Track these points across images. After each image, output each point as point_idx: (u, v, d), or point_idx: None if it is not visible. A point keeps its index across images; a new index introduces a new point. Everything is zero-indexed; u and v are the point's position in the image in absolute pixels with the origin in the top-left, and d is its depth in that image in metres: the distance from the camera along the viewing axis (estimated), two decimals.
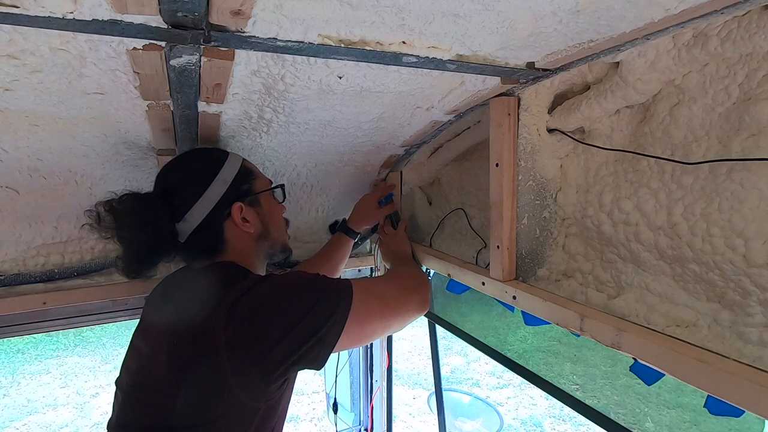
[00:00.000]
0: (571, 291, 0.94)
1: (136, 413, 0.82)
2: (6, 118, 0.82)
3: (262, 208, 1.00)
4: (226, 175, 0.94)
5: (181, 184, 0.93)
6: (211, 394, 0.75)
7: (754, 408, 0.56)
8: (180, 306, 0.86)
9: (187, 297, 0.87)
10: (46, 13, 0.51)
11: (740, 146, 0.67)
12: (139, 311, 1.03)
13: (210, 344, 0.74)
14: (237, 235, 0.95)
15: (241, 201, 0.95)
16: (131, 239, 0.88)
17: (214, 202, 0.92)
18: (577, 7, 0.60)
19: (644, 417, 4.41)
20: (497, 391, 5.33)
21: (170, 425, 0.76)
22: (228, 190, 0.94)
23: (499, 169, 0.95)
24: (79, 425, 4.72)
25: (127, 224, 0.87)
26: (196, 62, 0.68)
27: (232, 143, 1.08)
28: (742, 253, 0.66)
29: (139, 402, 0.82)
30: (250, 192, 0.98)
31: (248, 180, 0.99)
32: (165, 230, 0.89)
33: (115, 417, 0.86)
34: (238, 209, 0.94)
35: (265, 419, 0.83)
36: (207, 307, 0.78)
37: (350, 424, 1.99)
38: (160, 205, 0.89)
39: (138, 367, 0.87)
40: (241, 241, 0.96)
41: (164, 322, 0.86)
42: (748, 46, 0.64)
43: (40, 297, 1.14)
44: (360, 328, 0.86)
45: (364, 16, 0.60)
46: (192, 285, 0.90)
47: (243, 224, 0.95)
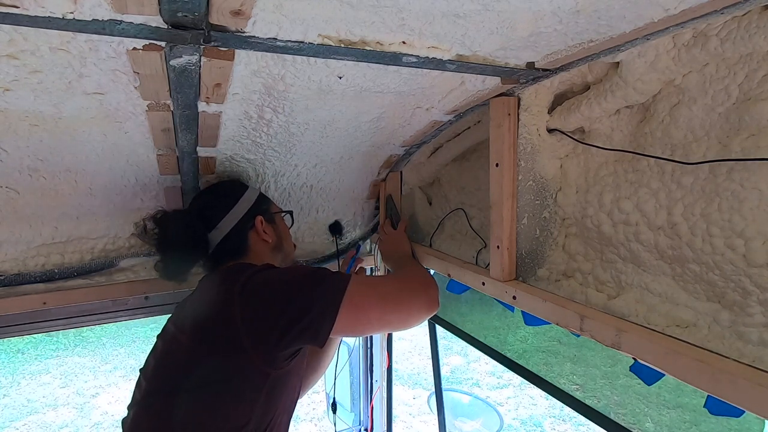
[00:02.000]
0: (571, 291, 0.94)
1: (160, 382, 0.93)
2: (6, 118, 0.82)
3: (276, 226, 1.22)
4: (250, 196, 1.18)
5: (214, 202, 1.15)
6: (228, 354, 0.86)
7: (754, 408, 0.56)
8: (203, 293, 1.01)
9: (209, 286, 1.01)
10: (46, 13, 0.51)
11: (740, 146, 0.67)
12: (140, 311, 1.05)
13: (227, 314, 0.88)
14: (258, 243, 1.15)
15: (262, 215, 1.16)
16: (173, 245, 1.08)
17: (241, 215, 1.13)
18: (577, 7, 0.60)
19: (644, 417, 4.41)
20: (497, 391, 5.33)
21: (190, 385, 0.87)
22: (251, 207, 1.16)
23: (499, 169, 0.95)
24: (79, 425, 4.71)
25: (170, 233, 1.08)
26: (196, 62, 0.68)
27: (233, 143, 1.08)
28: (742, 253, 0.66)
29: (165, 369, 0.94)
30: (268, 211, 1.21)
31: (266, 202, 1.24)
32: (199, 237, 1.09)
33: (141, 391, 0.95)
34: (260, 221, 1.16)
35: (273, 395, 0.93)
36: (224, 288, 0.92)
37: (350, 424, 1.99)
38: (195, 217, 1.11)
39: (165, 342, 0.99)
40: (260, 248, 1.15)
41: (190, 307, 1.00)
42: (748, 46, 0.64)
43: (40, 297, 1.14)
44: (354, 314, 0.94)
45: (364, 16, 0.60)
46: (214, 278, 1.04)
47: (263, 234, 1.15)
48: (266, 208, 1.21)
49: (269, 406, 0.93)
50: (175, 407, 0.87)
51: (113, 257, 1.26)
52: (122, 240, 1.26)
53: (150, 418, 0.90)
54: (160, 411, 0.88)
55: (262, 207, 1.19)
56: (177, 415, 0.86)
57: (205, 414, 0.87)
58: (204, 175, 1.20)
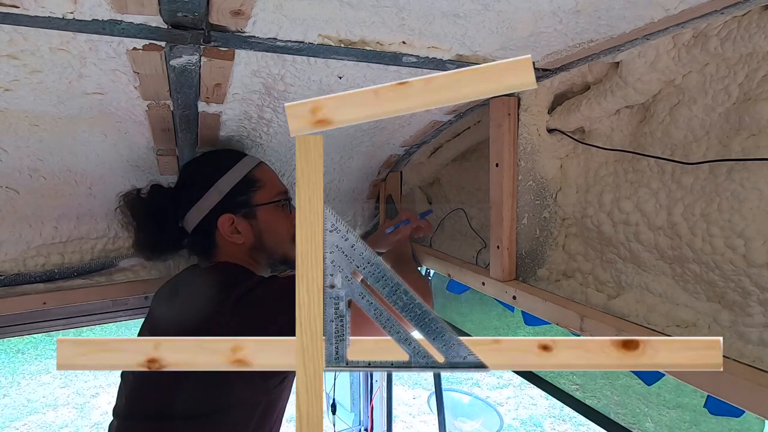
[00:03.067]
0: (571, 291, 0.94)
1: (143, 404, 0.86)
2: (6, 118, 0.82)
3: (257, 221, 1.00)
4: (223, 186, 0.97)
5: (185, 188, 1.01)
6: (214, 386, 0.79)
7: (754, 408, 0.56)
8: (187, 304, 0.90)
9: (194, 295, 0.91)
10: (46, 13, 0.51)
11: (740, 146, 0.67)
12: (140, 311, 1.04)
13: (216, 333, 0.77)
14: (226, 243, 0.98)
15: (233, 212, 0.96)
16: (144, 225, 1.01)
17: (206, 210, 0.96)
18: (577, 7, 0.60)
19: (644, 417, 4.40)
20: (497, 391, 5.33)
21: (175, 415, 0.80)
22: (222, 200, 0.96)
23: (499, 169, 0.95)
24: (79, 425, 4.72)
25: (144, 211, 1.00)
26: (196, 62, 0.68)
27: (233, 143, 1.08)
28: (742, 253, 0.66)
29: (146, 392, 0.86)
30: (247, 204, 0.99)
31: (248, 191, 0.99)
32: (171, 224, 0.99)
33: (123, 406, 0.89)
34: (226, 221, 0.96)
35: (266, 415, 0.87)
36: (212, 305, 0.81)
37: (350, 424, 1.99)
38: (169, 202, 1.00)
39: None
40: (231, 249, 0.98)
41: (171, 318, 0.90)
42: (748, 46, 0.64)
43: (40, 297, 1.14)
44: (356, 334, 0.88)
45: (364, 16, 0.60)
46: (198, 284, 0.93)
47: (231, 236, 0.96)
48: (245, 200, 0.98)
49: (262, 428, 0.88)
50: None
51: (113, 257, 1.26)
52: (122, 240, 1.26)
53: None
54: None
55: (238, 199, 0.97)
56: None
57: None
58: None
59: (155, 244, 1.03)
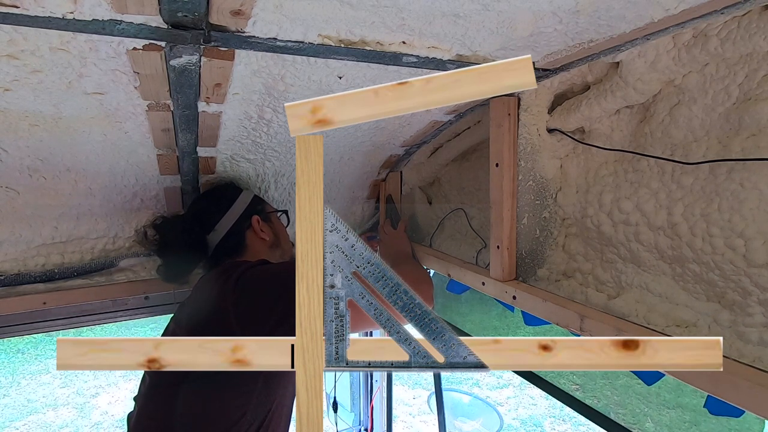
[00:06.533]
0: (571, 291, 0.94)
1: (162, 375, 0.94)
2: (6, 118, 0.82)
3: (273, 224, 1.25)
4: (245, 198, 1.22)
5: (210, 205, 1.19)
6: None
7: (754, 408, 0.56)
8: (199, 290, 1.05)
9: (206, 283, 1.05)
10: (46, 13, 0.51)
11: (740, 146, 0.67)
12: (140, 311, 1.06)
13: (221, 308, 0.91)
14: (255, 241, 1.18)
15: (258, 215, 1.20)
16: (173, 249, 1.13)
17: (237, 215, 1.17)
18: (577, 7, 0.60)
19: (644, 417, 4.41)
20: (497, 391, 5.33)
21: (189, 377, 0.89)
22: (247, 208, 1.20)
23: (499, 169, 0.95)
24: (79, 425, 4.71)
25: (169, 237, 1.14)
26: (196, 62, 0.68)
27: (233, 143, 1.08)
28: (742, 253, 0.66)
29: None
30: (264, 211, 1.24)
31: (261, 203, 1.26)
32: (198, 239, 1.14)
33: (144, 388, 0.99)
34: (256, 220, 1.19)
35: (271, 380, 0.96)
36: (219, 284, 0.96)
37: (350, 424, 1.99)
38: (193, 221, 1.16)
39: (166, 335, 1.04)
40: (258, 246, 1.18)
41: (187, 304, 1.05)
42: (748, 46, 0.64)
43: (40, 297, 1.14)
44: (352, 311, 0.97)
45: (364, 16, 0.60)
46: (210, 275, 1.07)
47: (261, 233, 1.18)
48: (261, 209, 1.24)
49: (266, 398, 0.96)
50: (177, 399, 0.90)
51: (113, 257, 1.26)
52: (122, 240, 1.26)
53: (153, 410, 0.94)
54: (162, 403, 0.92)
55: (257, 208, 1.23)
56: (178, 407, 0.90)
57: (204, 405, 0.90)
58: (204, 175, 1.20)
59: (185, 260, 1.16)
